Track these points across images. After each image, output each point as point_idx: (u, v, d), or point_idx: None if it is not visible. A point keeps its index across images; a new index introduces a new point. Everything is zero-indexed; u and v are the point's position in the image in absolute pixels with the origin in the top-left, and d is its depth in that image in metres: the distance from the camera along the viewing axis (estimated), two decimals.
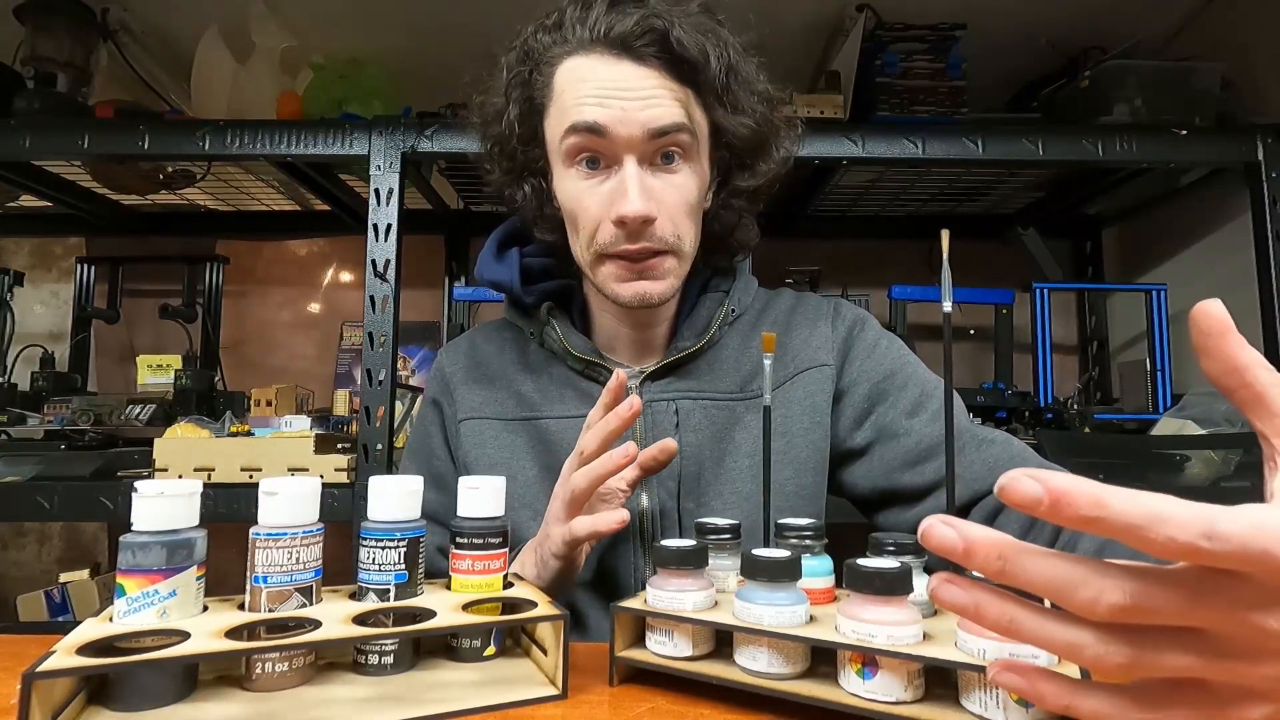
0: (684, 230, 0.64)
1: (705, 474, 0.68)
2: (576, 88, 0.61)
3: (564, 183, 0.64)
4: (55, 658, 0.35)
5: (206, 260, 1.83)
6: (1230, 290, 1.48)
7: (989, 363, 1.66)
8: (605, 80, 0.60)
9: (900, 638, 0.37)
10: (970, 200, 1.76)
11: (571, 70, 0.62)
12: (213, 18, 1.48)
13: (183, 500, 0.41)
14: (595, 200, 0.62)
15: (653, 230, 0.62)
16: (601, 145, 0.61)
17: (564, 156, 0.63)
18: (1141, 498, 0.25)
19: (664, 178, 0.62)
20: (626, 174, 0.60)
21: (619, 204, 0.60)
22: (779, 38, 0.64)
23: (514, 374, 0.73)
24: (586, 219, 0.63)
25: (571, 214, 0.65)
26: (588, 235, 0.63)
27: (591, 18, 0.61)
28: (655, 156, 0.62)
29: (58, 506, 1.21)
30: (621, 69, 0.61)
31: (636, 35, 0.60)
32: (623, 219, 0.60)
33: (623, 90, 0.60)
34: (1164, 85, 1.39)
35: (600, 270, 0.65)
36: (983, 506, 0.63)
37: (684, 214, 0.64)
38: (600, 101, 0.60)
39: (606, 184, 0.62)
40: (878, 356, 0.71)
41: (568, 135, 0.61)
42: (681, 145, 0.62)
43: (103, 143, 1.31)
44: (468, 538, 0.47)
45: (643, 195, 0.60)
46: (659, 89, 0.61)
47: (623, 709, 0.40)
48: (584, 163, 0.63)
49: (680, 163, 0.63)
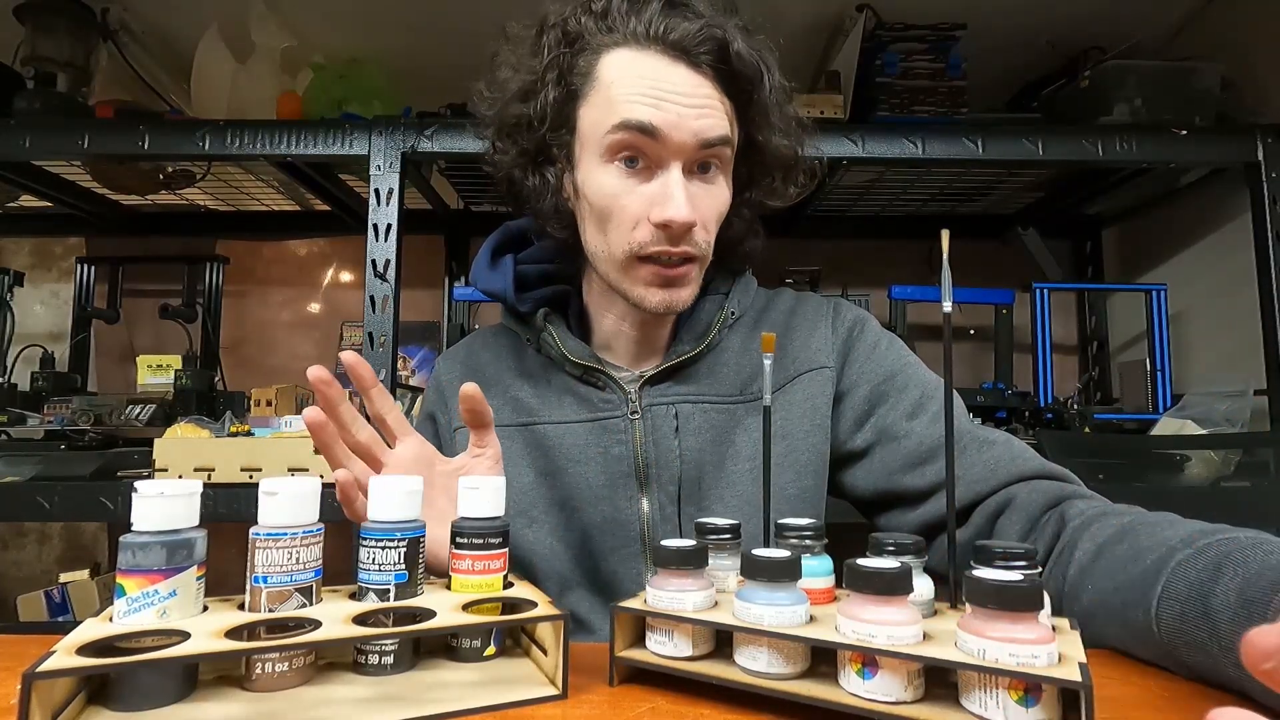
0: (712, 238, 0.65)
1: (706, 478, 0.67)
2: (628, 83, 0.60)
3: (598, 177, 0.63)
4: (55, 658, 0.35)
5: (206, 260, 1.83)
6: (1230, 290, 1.48)
7: (989, 363, 1.66)
8: (660, 80, 0.60)
9: (900, 638, 0.36)
10: (970, 200, 1.76)
11: (623, 63, 0.61)
12: (213, 18, 1.48)
13: (183, 500, 0.41)
14: (635, 200, 0.61)
15: (691, 236, 0.62)
16: (649, 146, 0.60)
17: (605, 150, 0.61)
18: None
19: (701, 186, 0.63)
20: (673, 179, 0.60)
21: (665, 208, 0.60)
22: (780, 37, 0.64)
23: (510, 380, 0.73)
24: (624, 217, 0.62)
25: (604, 210, 0.63)
26: (623, 233, 0.62)
27: (647, 14, 0.60)
28: (696, 165, 0.62)
29: (58, 506, 1.21)
30: (677, 72, 0.60)
31: (698, 42, 0.59)
32: (669, 223, 0.60)
33: (678, 94, 0.59)
34: (1164, 85, 1.39)
35: (631, 272, 0.64)
36: (984, 508, 0.63)
37: (714, 223, 0.65)
38: (655, 103, 0.59)
39: (648, 186, 0.61)
40: (878, 358, 0.71)
41: (615, 131, 0.60)
42: (721, 158, 0.63)
43: (103, 143, 1.31)
44: (468, 538, 0.47)
45: (689, 202, 0.60)
46: (712, 98, 0.61)
47: (623, 709, 0.40)
48: (623, 160, 0.62)
49: (716, 173, 0.64)
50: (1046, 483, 0.62)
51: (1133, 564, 0.48)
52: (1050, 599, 0.43)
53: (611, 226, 0.63)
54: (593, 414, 0.69)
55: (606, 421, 0.69)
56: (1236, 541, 0.43)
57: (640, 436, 0.68)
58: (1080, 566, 0.52)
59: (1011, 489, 0.62)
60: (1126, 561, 0.48)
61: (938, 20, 1.42)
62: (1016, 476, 0.63)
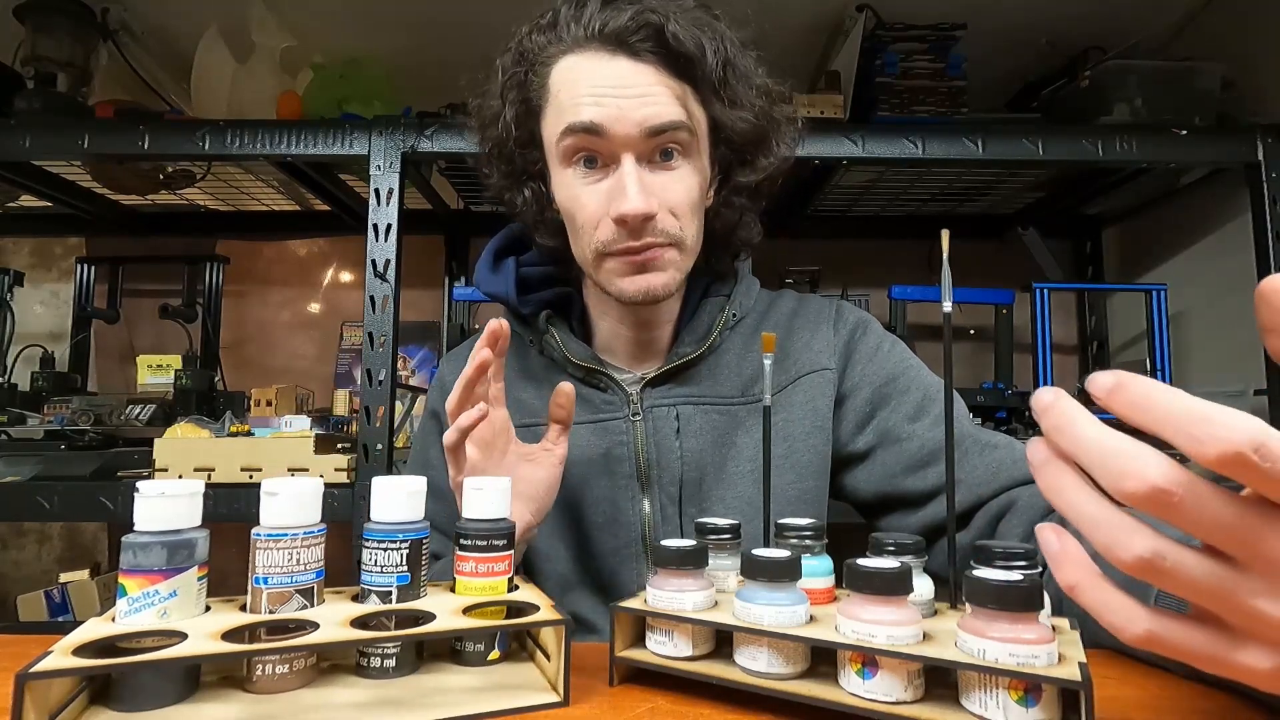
0: (686, 224, 0.63)
1: (707, 479, 0.67)
2: (572, 87, 0.61)
3: (562, 183, 0.64)
4: (51, 658, 0.35)
5: (206, 260, 1.83)
6: (1230, 290, 1.48)
7: (989, 363, 1.66)
8: (601, 78, 0.60)
9: (900, 638, 0.37)
10: (970, 200, 1.76)
11: (567, 70, 0.62)
12: (213, 18, 1.48)
13: (184, 500, 0.41)
14: (594, 199, 0.62)
15: (654, 225, 0.61)
16: (599, 144, 0.61)
17: (561, 157, 0.63)
18: (1195, 400, 0.26)
19: (663, 175, 0.62)
20: (624, 172, 0.60)
21: (618, 202, 0.60)
22: (780, 37, 0.64)
23: (514, 381, 0.73)
24: (585, 218, 0.63)
25: (570, 214, 0.64)
26: (588, 234, 0.63)
27: (586, 15, 0.61)
28: (654, 154, 0.62)
29: (58, 506, 1.21)
30: (617, 66, 0.60)
31: (631, 31, 0.59)
32: (623, 217, 0.60)
33: (619, 88, 0.59)
34: (1164, 85, 1.39)
35: (603, 268, 0.64)
36: (986, 511, 0.63)
37: (686, 209, 0.63)
38: (596, 101, 0.59)
39: (604, 183, 0.62)
40: (880, 360, 0.71)
41: (565, 136, 0.61)
42: (680, 142, 0.62)
43: (103, 143, 1.31)
44: (472, 539, 0.46)
45: (642, 193, 0.59)
46: (655, 85, 0.60)
47: (623, 709, 0.40)
48: (582, 162, 0.62)
49: (679, 159, 0.63)
50: None
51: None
52: (1051, 600, 0.43)
53: (579, 229, 0.64)
54: (594, 415, 0.69)
55: (608, 423, 0.69)
56: None
57: (641, 438, 0.68)
58: None
59: (1013, 492, 0.62)
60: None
61: (938, 20, 1.42)
62: (1019, 480, 0.63)
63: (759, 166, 0.68)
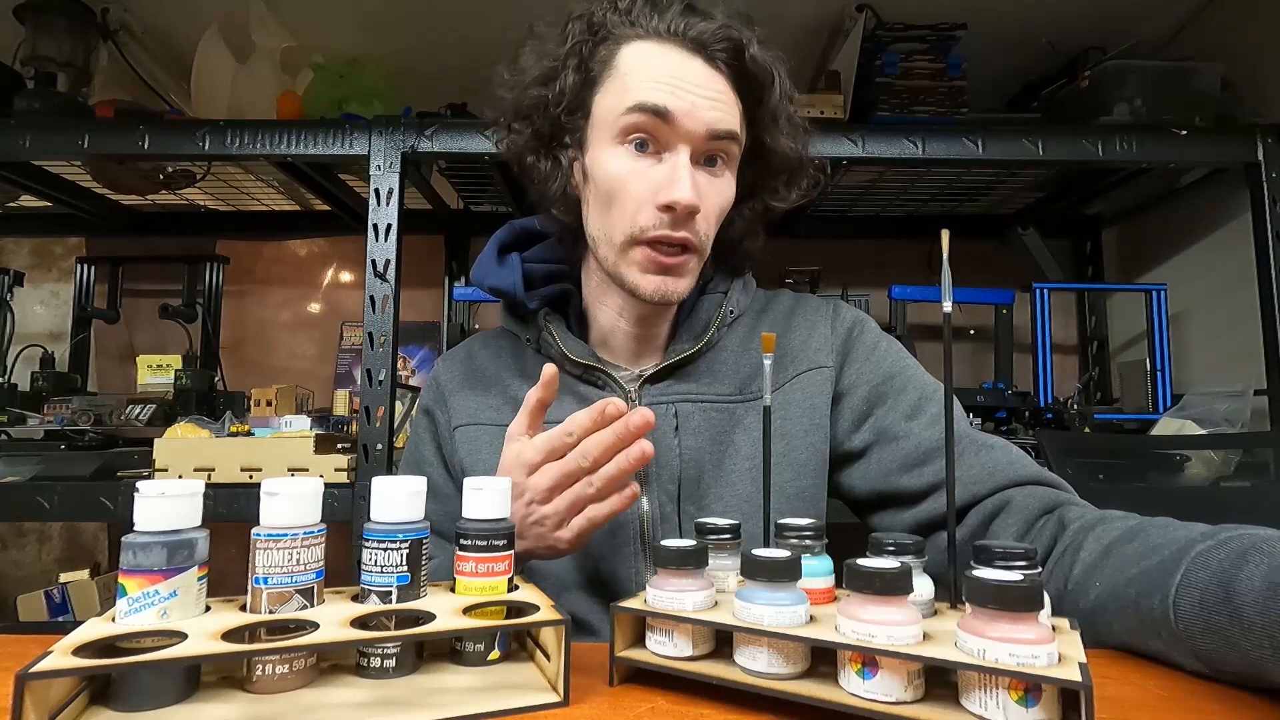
0: (711, 230, 0.66)
1: (705, 477, 0.67)
2: (647, 70, 0.63)
3: (608, 159, 0.64)
4: (51, 658, 0.35)
5: (206, 260, 1.83)
6: (1230, 290, 1.48)
7: (989, 363, 1.66)
8: (677, 70, 0.62)
9: (900, 638, 0.36)
10: (970, 200, 1.76)
11: (642, 52, 0.64)
12: (213, 18, 1.48)
13: (184, 500, 0.41)
14: (642, 183, 0.63)
15: (694, 223, 0.63)
16: (661, 130, 0.62)
17: (617, 133, 0.63)
18: None
19: (708, 178, 0.64)
20: (680, 164, 0.62)
21: (670, 190, 0.61)
22: (780, 37, 0.65)
23: (510, 380, 0.73)
24: (629, 199, 0.63)
25: (610, 191, 0.64)
26: (626, 215, 0.63)
27: (669, 15, 0.64)
28: (704, 156, 0.64)
29: (58, 506, 1.21)
30: (694, 65, 0.63)
31: (717, 39, 0.63)
32: (674, 205, 0.61)
33: (695, 85, 0.62)
34: (1164, 85, 1.39)
35: (628, 255, 0.65)
36: (980, 509, 0.63)
37: (716, 215, 0.66)
38: (672, 90, 0.61)
39: (656, 169, 0.63)
40: (877, 359, 0.71)
41: (631, 113, 0.62)
42: (728, 152, 0.65)
43: (103, 143, 1.31)
44: (471, 539, 0.46)
45: (694, 186, 0.62)
46: (725, 93, 0.64)
47: (623, 709, 0.40)
48: (635, 144, 0.63)
49: (723, 167, 0.66)
50: (1043, 489, 0.63)
51: (1147, 558, 0.48)
52: (1050, 600, 0.43)
53: (616, 208, 0.64)
54: None
55: None
56: (1261, 535, 0.43)
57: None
58: (1086, 565, 0.53)
59: (1008, 492, 0.63)
60: (1140, 557, 0.49)
61: (938, 20, 1.42)
62: (1013, 481, 0.63)
63: (779, 196, 0.72)
